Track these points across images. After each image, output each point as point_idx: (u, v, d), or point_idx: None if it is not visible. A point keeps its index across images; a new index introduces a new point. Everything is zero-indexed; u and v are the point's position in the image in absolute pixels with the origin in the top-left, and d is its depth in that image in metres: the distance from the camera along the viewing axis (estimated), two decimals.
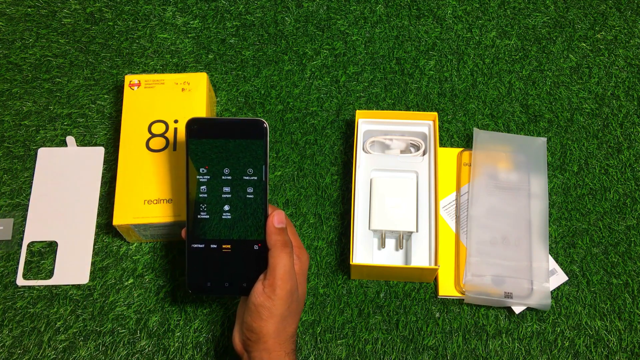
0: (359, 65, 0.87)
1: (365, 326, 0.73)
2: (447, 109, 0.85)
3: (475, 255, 0.73)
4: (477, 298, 0.72)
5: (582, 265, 0.76)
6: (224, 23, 0.90)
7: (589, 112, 0.85)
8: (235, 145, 0.61)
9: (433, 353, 0.72)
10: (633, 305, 0.74)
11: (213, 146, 0.61)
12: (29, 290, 0.75)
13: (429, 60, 0.88)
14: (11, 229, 0.77)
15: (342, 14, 0.91)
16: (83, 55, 0.88)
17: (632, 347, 0.72)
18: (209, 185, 0.61)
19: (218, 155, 0.61)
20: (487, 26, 0.90)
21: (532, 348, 0.72)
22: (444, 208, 0.78)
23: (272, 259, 0.58)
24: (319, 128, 0.84)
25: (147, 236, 0.75)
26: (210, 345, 0.72)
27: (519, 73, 0.87)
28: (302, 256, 0.63)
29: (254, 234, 0.61)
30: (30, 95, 0.85)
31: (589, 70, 0.87)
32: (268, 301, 0.57)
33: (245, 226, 0.61)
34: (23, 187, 0.80)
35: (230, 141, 0.61)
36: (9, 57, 0.88)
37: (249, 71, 0.87)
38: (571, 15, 0.91)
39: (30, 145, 0.82)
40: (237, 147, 0.61)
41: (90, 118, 0.84)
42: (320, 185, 0.80)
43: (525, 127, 0.84)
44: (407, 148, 0.79)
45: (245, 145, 0.61)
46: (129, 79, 0.78)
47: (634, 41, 0.89)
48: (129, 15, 0.91)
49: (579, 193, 0.80)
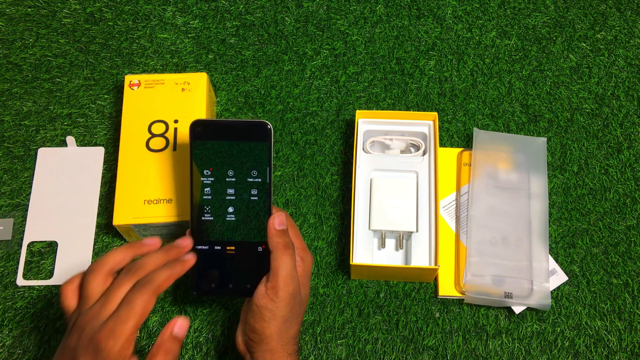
0: (359, 65, 0.88)
1: (365, 326, 0.73)
2: (447, 109, 0.85)
3: (475, 255, 0.73)
4: (477, 298, 0.72)
5: (582, 265, 0.76)
6: (224, 23, 0.90)
7: (589, 112, 0.85)
8: (239, 147, 0.61)
9: (433, 353, 0.72)
10: (633, 305, 0.74)
11: (217, 148, 0.61)
12: (29, 290, 0.75)
13: (429, 60, 0.88)
14: (11, 229, 0.77)
15: (342, 14, 0.91)
16: (83, 55, 0.88)
17: (632, 347, 0.72)
18: (213, 187, 0.61)
19: (222, 157, 0.61)
20: (487, 26, 0.90)
21: (532, 348, 0.72)
22: (444, 208, 0.78)
23: (274, 262, 0.58)
24: (319, 128, 0.84)
25: (147, 236, 0.75)
26: (210, 345, 0.72)
27: (519, 73, 0.87)
28: (306, 258, 0.63)
29: (258, 235, 0.61)
30: (30, 95, 0.85)
31: (589, 70, 0.87)
32: (271, 303, 0.58)
33: (250, 228, 0.61)
34: (23, 187, 0.80)
35: (235, 143, 0.61)
36: (9, 57, 0.88)
37: (249, 71, 0.87)
38: (571, 15, 0.91)
39: (30, 145, 0.82)
40: (241, 149, 0.61)
41: (90, 118, 0.84)
42: (320, 185, 0.80)
43: (525, 127, 0.84)
44: (407, 148, 0.79)
45: (250, 147, 0.61)
46: (129, 79, 0.78)
47: (634, 41, 0.89)
48: (129, 15, 0.91)
49: (579, 193, 0.80)
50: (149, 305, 0.52)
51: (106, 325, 0.50)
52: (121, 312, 0.51)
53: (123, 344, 0.50)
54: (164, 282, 0.54)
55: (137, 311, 0.51)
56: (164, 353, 0.53)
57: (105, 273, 0.55)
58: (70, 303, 0.55)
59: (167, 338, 0.54)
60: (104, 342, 0.49)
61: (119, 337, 0.50)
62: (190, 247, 0.60)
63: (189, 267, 0.58)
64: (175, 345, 0.54)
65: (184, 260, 0.58)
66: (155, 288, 0.53)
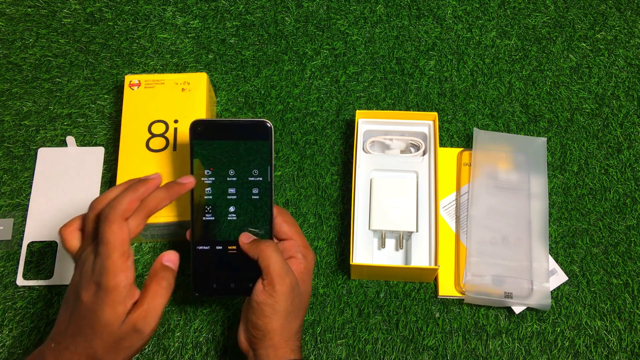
0: (359, 65, 0.88)
1: (365, 326, 0.73)
2: (447, 109, 0.85)
3: (475, 255, 0.73)
4: (477, 298, 0.72)
5: (582, 265, 0.76)
6: (224, 23, 0.90)
7: (589, 112, 0.85)
8: (240, 146, 0.61)
9: (433, 353, 0.72)
10: (633, 305, 0.74)
11: (218, 147, 0.61)
12: (29, 290, 0.75)
13: (429, 60, 0.88)
14: (11, 229, 0.77)
15: (342, 14, 0.91)
16: (83, 55, 0.88)
17: (632, 347, 0.72)
18: (214, 187, 0.61)
19: (223, 156, 0.61)
20: (487, 26, 0.90)
21: (532, 348, 0.72)
22: (444, 208, 0.78)
23: (262, 263, 0.58)
24: (319, 128, 0.84)
25: (147, 236, 0.75)
26: (210, 345, 0.72)
27: (519, 73, 0.87)
28: (308, 255, 0.63)
29: (260, 234, 0.61)
30: (30, 95, 0.85)
31: (589, 70, 0.87)
32: (270, 299, 0.58)
33: (251, 227, 0.61)
34: (23, 187, 0.80)
35: (235, 142, 0.61)
36: (9, 57, 0.88)
37: (249, 71, 0.87)
38: (571, 15, 0.91)
39: (30, 145, 0.82)
40: (242, 148, 0.61)
41: (90, 118, 0.84)
42: (320, 185, 0.80)
43: (525, 127, 0.84)
44: (407, 148, 0.79)
45: (251, 146, 0.61)
46: (129, 79, 0.78)
47: (634, 41, 0.89)
48: (129, 15, 0.91)
49: (579, 193, 0.80)
50: (139, 227, 0.54)
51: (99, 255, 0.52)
52: (110, 236, 0.52)
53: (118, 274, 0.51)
54: (157, 203, 0.56)
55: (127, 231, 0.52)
56: (158, 280, 0.54)
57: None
58: (73, 244, 0.56)
59: (159, 268, 0.55)
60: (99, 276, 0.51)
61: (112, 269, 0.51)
62: (193, 184, 0.60)
63: (186, 189, 0.59)
64: (168, 273, 0.55)
65: (182, 183, 0.59)
66: (148, 210, 0.55)
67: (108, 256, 0.51)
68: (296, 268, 0.61)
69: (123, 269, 0.51)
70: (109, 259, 0.51)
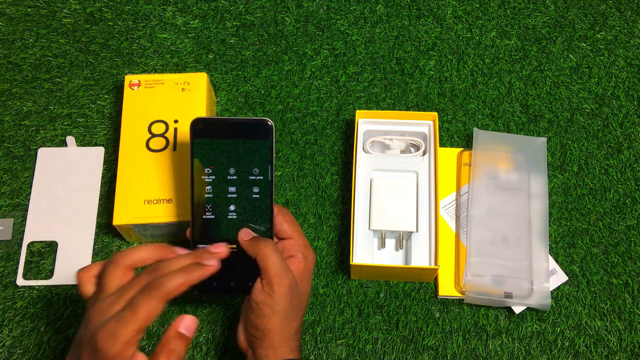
0: (359, 65, 0.88)
1: (365, 326, 0.73)
2: (447, 109, 0.85)
3: (475, 255, 0.73)
4: (477, 298, 0.72)
5: (582, 265, 0.76)
6: (224, 23, 0.90)
7: (589, 112, 0.85)
8: (240, 145, 0.61)
9: (433, 353, 0.72)
10: (633, 305, 0.74)
11: (219, 146, 0.61)
12: (29, 290, 0.75)
13: (429, 60, 0.88)
14: (11, 229, 0.77)
15: (342, 14, 0.91)
16: (83, 55, 0.88)
17: (632, 347, 0.72)
18: (214, 186, 0.61)
19: (224, 155, 0.61)
20: (487, 26, 0.90)
21: (532, 348, 0.72)
22: (444, 208, 0.78)
23: (261, 262, 0.58)
24: (319, 128, 0.84)
25: (147, 236, 0.75)
26: (210, 345, 0.72)
27: (519, 73, 0.87)
28: (308, 255, 0.63)
29: (260, 233, 0.61)
30: (30, 95, 0.85)
31: (589, 70, 0.87)
32: (269, 299, 0.58)
33: (252, 226, 0.61)
34: (23, 187, 0.80)
35: (236, 141, 0.61)
36: (9, 57, 0.88)
37: (249, 71, 0.87)
38: (571, 15, 0.91)
39: (30, 145, 0.82)
40: (242, 147, 0.61)
41: (90, 118, 0.84)
42: (320, 185, 0.80)
43: (525, 127, 0.84)
44: (407, 148, 0.79)
45: (251, 145, 0.61)
46: (129, 79, 0.78)
47: (634, 41, 0.89)
48: (129, 15, 0.91)
49: (579, 193, 0.80)
50: (155, 311, 0.49)
51: (107, 326, 0.49)
52: (124, 314, 0.49)
53: (122, 347, 0.48)
54: (176, 288, 0.51)
55: (140, 315, 0.49)
56: (168, 353, 0.51)
57: (126, 267, 0.53)
58: (87, 289, 0.54)
59: (173, 337, 0.52)
60: (102, 343, 0.48)
61: (118, 339, 0.48)
62: (224, 254, 0.58)
63: (208, 274, 0.55)
64: (181, 345, 0.52)
65: (204, 266, 0.55)
66: (165, 293, 0.50)
67: (126, 325, 0.48)
68: (295, 268, 0.61)
69: (133, 343, 0.49)
70: (126, 328, 0.48)
